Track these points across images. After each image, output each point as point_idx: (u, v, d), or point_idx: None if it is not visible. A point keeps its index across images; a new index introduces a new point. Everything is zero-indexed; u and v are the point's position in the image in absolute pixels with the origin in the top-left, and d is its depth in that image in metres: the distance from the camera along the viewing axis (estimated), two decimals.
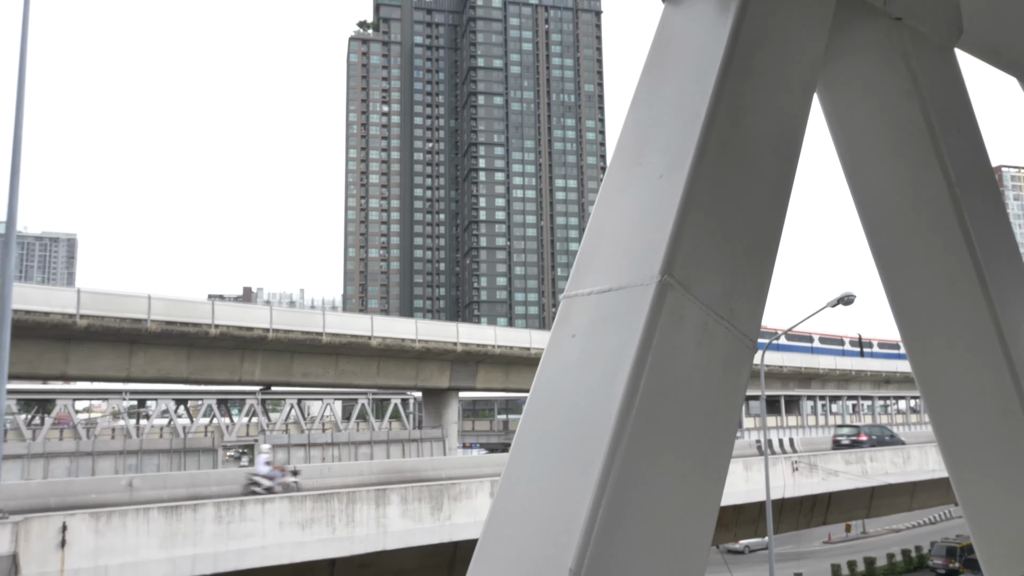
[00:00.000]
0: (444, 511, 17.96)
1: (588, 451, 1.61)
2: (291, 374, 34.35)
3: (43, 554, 12.35)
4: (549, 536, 1.56)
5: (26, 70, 14.26)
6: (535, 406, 1.81)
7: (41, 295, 27.37)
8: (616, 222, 1.97)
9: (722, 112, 1.93)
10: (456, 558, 19.08)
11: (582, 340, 1.82)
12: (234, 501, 15.01)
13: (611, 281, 1.83)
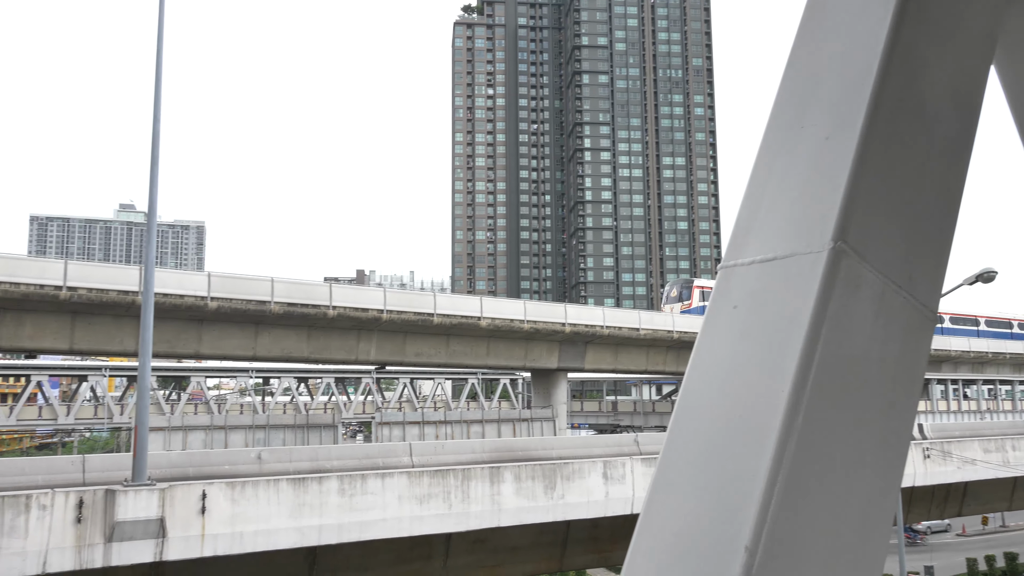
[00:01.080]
0: (557, 490, 18.05)
1: (759, 426, 1.54)
2: (404, 354, 35.31)
3: (186, 519, 13.25)
4: (721, 513, 1.51)
5: (162, 69, 15.16)
6: (696, 379, 1.76)
7: (176, 279, 29.14)
8: (778, 188, 1.86)
9: (896, 65, 1.78)
10: (569, 537, 19.17)
11: (745, 311, 1.74)
12: (356, 475, 15.60)
13: (776, 249, 1.74)
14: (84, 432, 66.71)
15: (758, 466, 1.48)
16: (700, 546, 1.53)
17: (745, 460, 1.52)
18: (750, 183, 1.93)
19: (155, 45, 15.29)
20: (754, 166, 1.94)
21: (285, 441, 36.51)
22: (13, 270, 25.36)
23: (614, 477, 19.09)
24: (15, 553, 11.95)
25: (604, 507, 18.81)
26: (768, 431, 1.51)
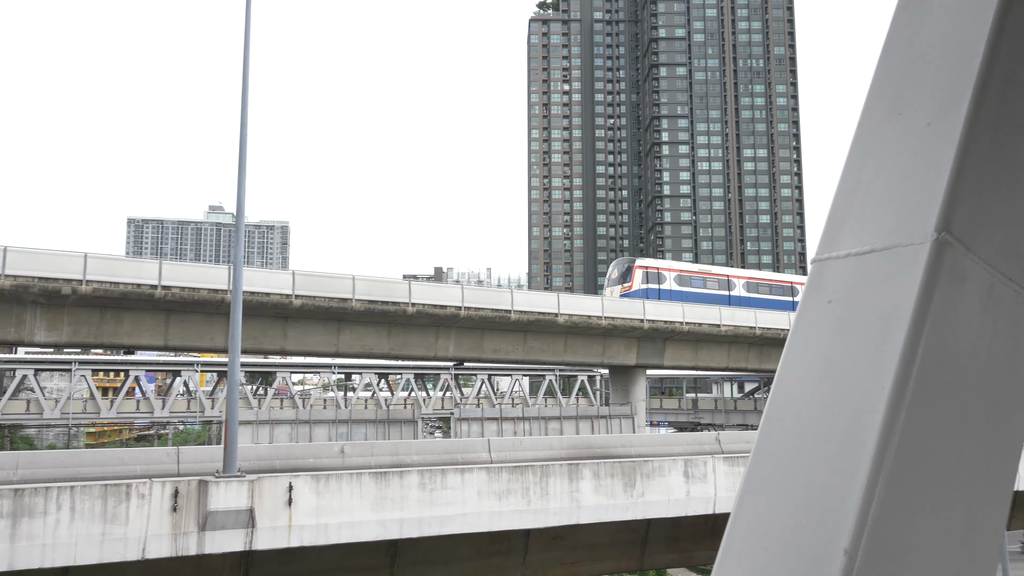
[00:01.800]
0: (637, 488, 17.84)
1: (857, 425, 1.48)
2: (482, 350, 35.57)
3: (274, 510, 13.68)
4: (817, 514, 1.46)
5: (249, 75, 15.68)
6: (789, 375, 1.70)
7: (262, 278, 30.13)
8: (875, 177, 1.78)
9: (1006, 44, 1.67)
10: (649, 536, 18.93)
11: (840, 306, 1.68)
12: (436, 470, 15.79)
13: (873, 241, 1.67)
14: (178, 425, 69.92)
15: (857, 466, 1.43)
16: (795, 548, 1.48)
17: (843, 460, 1.47)
18: (844, 173, 1.87)
19: (242, 52, 15.82)
20: (848, 155, 1.87)
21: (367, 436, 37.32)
22: (113, 270, 26.73)
23: (695, 476, 18.74)
24: (117, 539, 12.58)
25: (685, 506, 18.49)
26: (867, 430, 1.45)
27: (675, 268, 44.78)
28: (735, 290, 44.55)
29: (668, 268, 44.26)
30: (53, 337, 27.18)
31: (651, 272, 43.08)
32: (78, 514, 12.41)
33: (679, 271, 44.04)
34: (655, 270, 43.57)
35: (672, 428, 62.96)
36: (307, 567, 14.82)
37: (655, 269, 43.65)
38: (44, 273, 25.57)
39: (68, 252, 26.56)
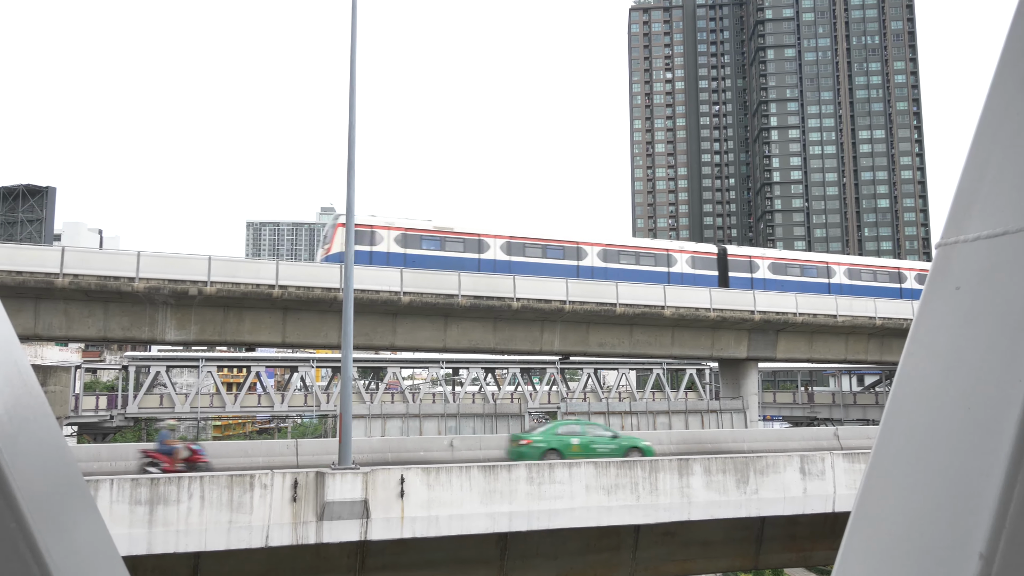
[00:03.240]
0: (750, 485, 17.26)
1: (991, 419, 1.36)
2: (587, 344, 35.37)
3: (387, 501, 14.03)
4: (949, 515, 1.36)
5: (356, 78, 16.12)
6: (913, 367, 1.59)
7: (372, 276, 30.97)
8: (1006, 155, 1.62)
9: None
10: (764, 534, 18.30)
11: (970, 293, 1.55)
12: (543, 464, 15.79)
13: (1007, 223, 1.53)
14: (296, 418, 73.06)
15: (992, 464, 1.32)
16: (923, 550, 1.38)
17: (976, 457, 1.36)
18: (972, 150, 1.71)
19: (349, 57, 16.28)
20: (976, 132, 1.70)
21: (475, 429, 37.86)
22: (234, 272, 28.18)
23: (812, 472, 17.96)
24: (243, 527, 13.23)
25: (802, 504, 17.76)
26: (1003, 424, 1.34)
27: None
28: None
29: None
30: (182, 335, 28.94)
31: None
32: (207, 503, 13.12)
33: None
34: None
35: (786, 423, 60.72)
36: (420, 557, 15.13)
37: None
38: (173, 276, 27.25)
39: (194, 255, 28.18)
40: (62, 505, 0.68)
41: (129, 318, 27.88)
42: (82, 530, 0.70)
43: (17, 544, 0.59)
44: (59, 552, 0.62)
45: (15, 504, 0.61)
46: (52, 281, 25.37)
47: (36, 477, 0.65)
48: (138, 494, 12.78)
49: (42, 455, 0.68)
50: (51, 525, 0.63)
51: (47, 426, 0.75)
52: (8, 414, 0.64)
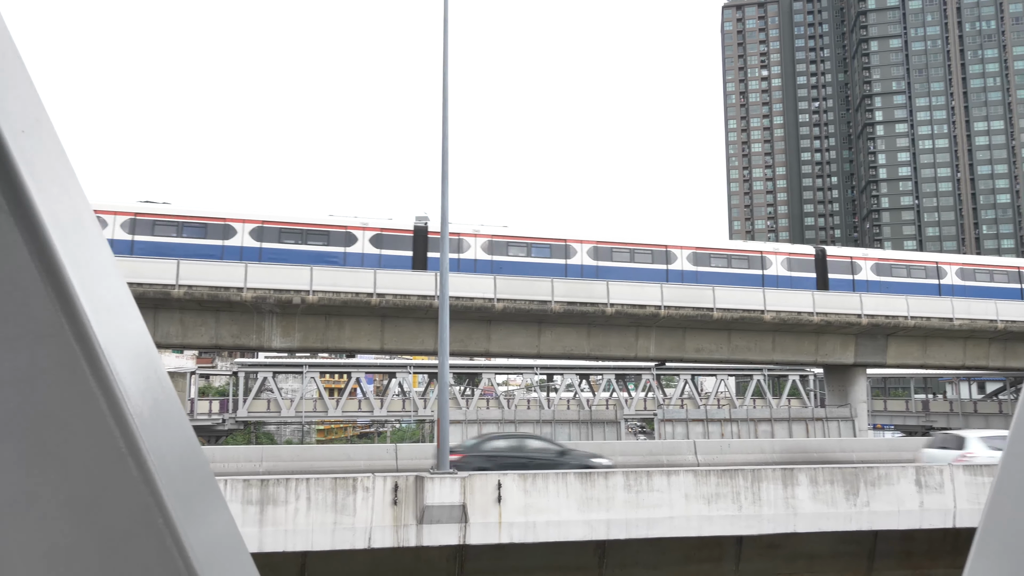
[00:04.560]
0: (860, 496, 16.46)
1: None
2: (684, 350, 34.67)
3: (484, 506, 14.12)
4: None
5: (448, 90, 16.39)
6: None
7: (466, 283, 31.36)
8: None
9: None
10: (877, 549, 17.41)
11: None
12: (641, 471, 15.53)
13: None
14: (394, 423, 74.73)
15: None
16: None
17: None
18: None
19: (441, 68, 16.57)
20: None
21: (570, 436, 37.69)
22: (334, 281, 29.11)
23: (929, 485, 16.96)
24: (346, 528, 13.60)
25: (919, 518, 16.80)
26: None
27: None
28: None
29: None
30: (287, 343, 30.11)
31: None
32: (313, 504, 13.56)
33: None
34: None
35: (899, 432, 57.70)
36: (518, 563, 15.15)
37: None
38: (277, 286, 28.41)
39: (296, 266, 29.29)
40: (199, 501, 0.71)
41: (238, 326, 29.24)
42: (216, 526, 0.73)
43: (165, 540, 0.63)
44: (199, 546, 0.66)
45: (161, 502, 0.64)
46: (169, 292, 26.88)
47: (177, 475, 0.68)
48: (249, 494, 13.33)
49: (180, 454, 0.71)
50: (191, 520, 0.66)
51: (183, 426, 0.78)
52: (151, 416, 0.68)
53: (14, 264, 0.67)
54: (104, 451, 0.66)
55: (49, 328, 0.67)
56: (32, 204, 0.68)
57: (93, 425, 0.67)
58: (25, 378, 0.67)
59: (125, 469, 0.66)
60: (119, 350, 0.70)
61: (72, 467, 0.66)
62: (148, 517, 0.65)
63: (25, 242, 0.67)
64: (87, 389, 0.67)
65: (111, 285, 0.78)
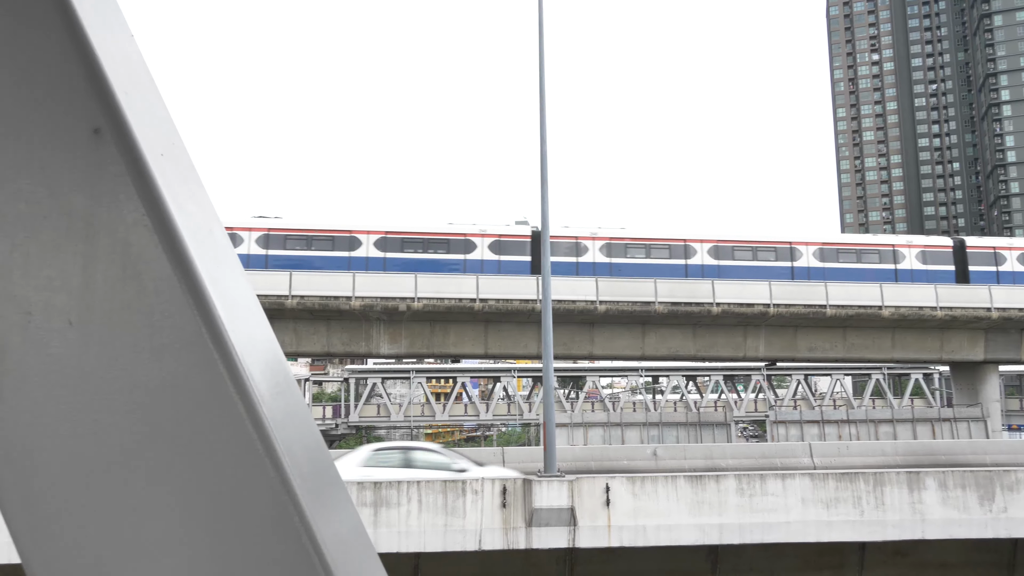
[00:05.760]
0: (997, 502, 15.39)
1: None
2: (795, 349, 33.41)
3: (592, 510, 14.05)
4: None
5: (545, 91, 16.45)
6: None
7: (568, 286, 31.32)
8: None
9: None
10: (1017, 559, 16.23)
11: None
12: (754, 475, 15.07)
13: None
14: (500, 427, 75.40)
15: None
16: None
17: None
18: None
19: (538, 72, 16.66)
20: None
21: (678, 438, 37.01)
22: (438, 288, 29.72)
23: None
24: (457, 530, 13.83)
25: None
26: None
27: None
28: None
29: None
30: (394, 349, 30.94)
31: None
32: (424, 506, 13.87)
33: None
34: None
35: None
36: (628, 567, 14.99)
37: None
38: (384, 293, 29.25)
39: (401, 274, 30.06)
40: (328, 500, 0.73)
41: (348, 334, 30.27)
42: (344, 523, 0.75)
43: (301, 537, 0.65)
44: (331, 543, 0.67)
45: (297, 501, 0.66)
46: (283, 302, 28.15)
47: (309, 475, 0.70)
48: (364, 496, 13.76)
49: (310, 454, 0.74)
50: (323, 518, 0.68)
51: (311, 427, 0.81)
52: (283, 418, 0.70)
53: (158, 276, 0.71)
54: (244, 452, 0.69)
55: (191, 336, 0.71)
56: (172, 220, 0.72)
57: (233, 428, 0.70)
58: (171, 383, 0.71)
59: (263, 470, 0.69)
60: (253, 356, 0.73)
61: (215, 468, 0.69)
62: (285, 516, 0.68)
63: (167, 256, 0.71)
64: (226, 393, 0.70)
65: (242, 295, 0.82)
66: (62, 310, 0.71)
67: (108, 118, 0.71)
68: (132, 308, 0.71)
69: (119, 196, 0.71)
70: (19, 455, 0.70)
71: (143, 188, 0.71)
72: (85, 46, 0.71)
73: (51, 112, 0.71)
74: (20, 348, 0.71)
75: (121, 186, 0.71)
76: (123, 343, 0.71)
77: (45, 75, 0.71)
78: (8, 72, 0.71)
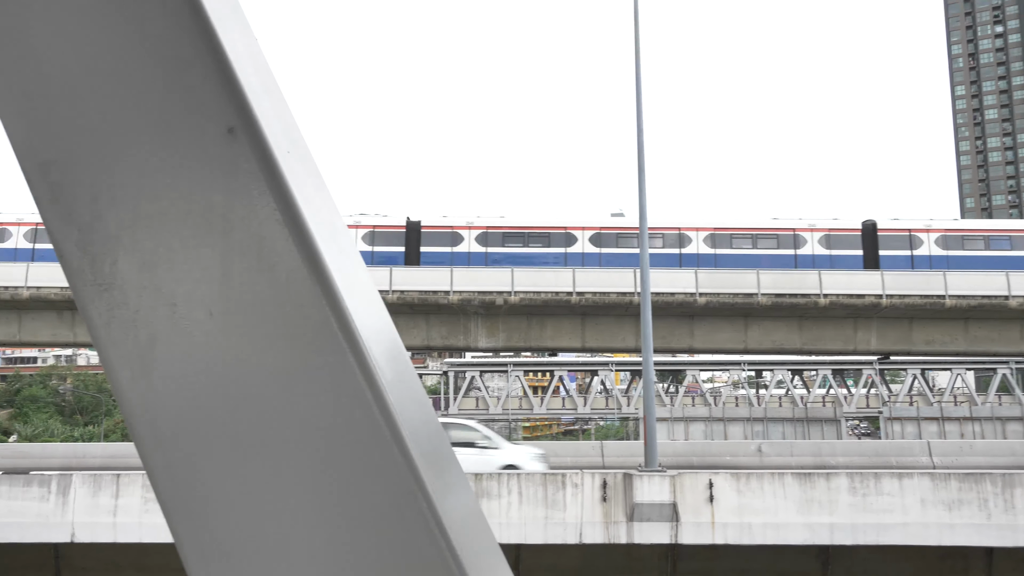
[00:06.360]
0: None
1: None
2: (911, 342, 31.72)
3: (695, 506, 13.80)
4: None
5: (642, 83, 16.22)
6: None
7: (666, 279, 30.81)
8: None
9: None
10: None
11: None
12: (868, 473, 14.41)
13: None
14: (598, 421, 75.11)
15: None
16: None
17: None
18: None
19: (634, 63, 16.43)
20: None
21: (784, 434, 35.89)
22: (534, 281, 29.84)
23: None
24: (557, 523, 13.87)
25: None
26: None
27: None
28: None
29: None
30: (491, 342, 31.30)
31: None
32: (524, 498, 13.96)
33: None
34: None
35: None
36: (733, 565, 14.64)
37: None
38: (481, 288, 29.62)
39: (498, 268, 30.36)
40: (450, 484, 0.75)
41: (447, 328, 30.83)
42: (464, 506, 0.78)
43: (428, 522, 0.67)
44: (455, 527, 0.69)
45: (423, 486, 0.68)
46: (384, 297, 28.90)
47: (432, 460, 0.72)
48: None
49: (430, 440, 0.76)
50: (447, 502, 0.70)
51: (430, 413, 0.84)
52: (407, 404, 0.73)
53: (290, 268, 0.74)
54: (374, 439, 0.71)
55: (321, 325, 0.73)
56: (301, 215, 0.74)
57: (362, 413, 0.71)
58: (303, 371, 0.73)
59: (391, 456, 0.70)
60: (378, 344, 0.75)
61: (346, 452, 0.71)
62: (414, 502, 0.69)
63: (297, 249, 0.73)
64: (355, 380, 0.72)
65: (365, 286, 0.84)
66: (203, 301, 0.75)
67: (241, 117, 0.74)
68: (266, 299, 0.74)
69: (252, 192, 0.74)
70: (168, 439, 0.74)
71: (274, 184, 0.74)
72: (217, 48, 0.74)
73: (188, 113, 0.75)
74: (167, 338, 0.75)
75: (254, 183, 0.74)
76: (259, 333, 0.74)
77: (181, 78, 0.75)
78: (147, 77, 0.75)
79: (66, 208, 0.76)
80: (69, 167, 0.77)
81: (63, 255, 0.77)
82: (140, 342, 0.75)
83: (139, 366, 0.75)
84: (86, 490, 14.31)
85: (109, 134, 0.76)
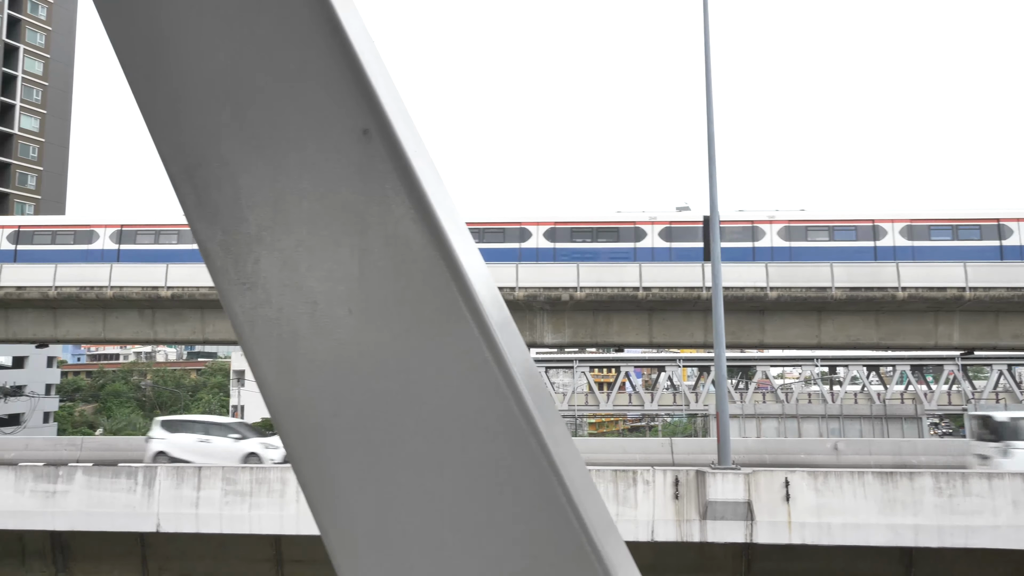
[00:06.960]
0: None
1: None
2: (997, 336, 30.26)
3: (771, 504, 13.49)
4: None
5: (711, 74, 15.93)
6: None
7: (735, 273, 30.20)
8: None
9: None
10: None
11: None
12: (955, 474, 13.84)
13: None
14: (665, 417, 74.25)
15: None
16: None
17: None
18: None
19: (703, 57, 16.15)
20: None
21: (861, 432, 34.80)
22: (600, 276, 29.64)
23: None
24: (628, 520, 13.74)
25: None
26: None
27: None
28: None
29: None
30: (557, 338, 31.23)
31: None
32: None
33: None
34: None
35: None
36: (810, 566, 14.26)
37: None
38: (547, 284, 29.60)
39: (563, 264, 30.27)
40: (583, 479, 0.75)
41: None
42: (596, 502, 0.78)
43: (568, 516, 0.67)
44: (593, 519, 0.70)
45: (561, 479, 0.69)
46: None
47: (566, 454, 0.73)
48: None
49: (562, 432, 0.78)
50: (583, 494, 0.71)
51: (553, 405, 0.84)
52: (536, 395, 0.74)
53: (425, 267, 0.75)
54: (513, 431, 0.71)
55: (458, 323, 0.74)
56: (434, 214, 0.75)
57: (500, 409, 0.71)
58: (441, 368, 0.74)
59: (530, 449, 0.70)
60: (508, 338, 0.76)
61: (487, 448, 0.72)
62: (553, 495, 0.69)
63: (432, 247, 0.74)
64: (492, 376, 0.72)
65: (489, 283, 0.85)
66: (342, 299, 0.76)
67: (374, 119, 0.76)
68: (403, 298, 0.75)
69: (387, 192, 0.76)
70: (312, 434, 0.76)
71: (408, 184, 0.75)
72: (350, 52, 0.76)
73: (325, 116, 0.77)
74: (309, 335, 0.77)
75: (389, 183, 0.76)
76: (396, 331, 0.75)
77: (317, 81, 0.77)
78: (285, 80, 0.78)
79: (211, 210, 0.79)
80: (212, 170, 0.79)
81: (208, 255, 0.79)
82: (284, 340, 0.77)
83: (283, 363, 0.77)
84: (170, 482, 14.89)
85: (249, 137, 0.79)
